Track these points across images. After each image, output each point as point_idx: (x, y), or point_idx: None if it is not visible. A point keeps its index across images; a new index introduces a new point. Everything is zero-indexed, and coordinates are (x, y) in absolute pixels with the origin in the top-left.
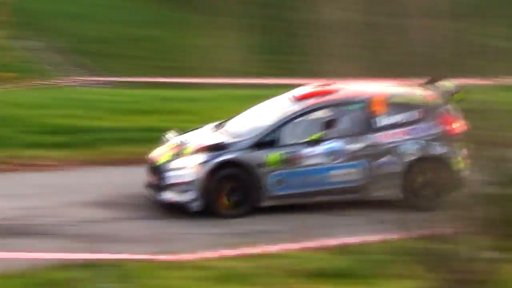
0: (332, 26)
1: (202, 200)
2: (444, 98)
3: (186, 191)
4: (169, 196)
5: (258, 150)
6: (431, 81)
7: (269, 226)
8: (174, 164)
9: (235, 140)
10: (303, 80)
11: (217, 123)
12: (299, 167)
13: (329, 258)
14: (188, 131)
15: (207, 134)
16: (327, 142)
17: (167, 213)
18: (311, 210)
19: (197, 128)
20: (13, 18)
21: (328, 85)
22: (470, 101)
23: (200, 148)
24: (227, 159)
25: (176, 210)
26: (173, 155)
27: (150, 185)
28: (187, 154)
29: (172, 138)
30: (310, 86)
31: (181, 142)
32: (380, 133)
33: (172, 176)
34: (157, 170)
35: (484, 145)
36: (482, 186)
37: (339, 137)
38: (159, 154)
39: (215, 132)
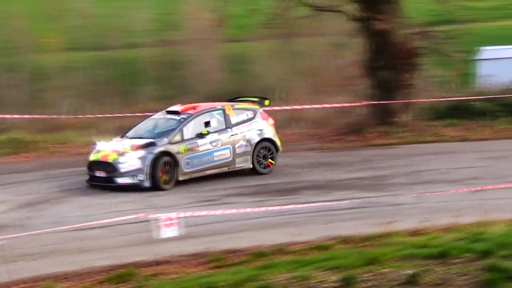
0: None
1: (150, 180)
2: (259, 104)
3: (136, 175)
4: (125, 181)
5: (173, 144)
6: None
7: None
8: (123, 159)
9: (156, 139)
10: None
11: (121, 134)
12: (197, 152)
13: None
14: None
15: (123, 140)
16: (209, 135)
17: None
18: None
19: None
20: None
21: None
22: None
23: (137, 146)
24: (162, 150)
25: None
26: (118, 154)
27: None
28: (128, 152)
29: (101, 145)
30: (178, 105)
31: (113, 146)
32: (235, 127)
33: (124, 167)
34: (109, 165)
35: None
36: None
37: (215, 131)
38: (104, 155)
39: (126, 139)
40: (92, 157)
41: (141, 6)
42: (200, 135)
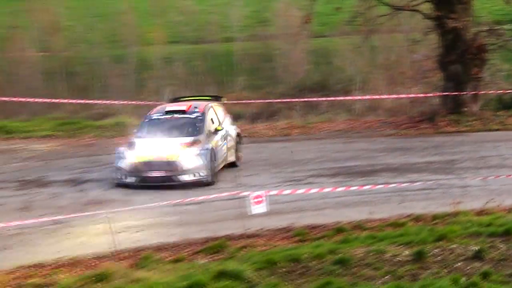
0: None
1: (211, 175)
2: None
3: (199, 172)
4: (188, 178)
5: (209, 140)
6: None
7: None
8: (183, 158)
9: (197, 137)
10: None
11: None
12: (218, 147)
13: None
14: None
15: (158, 140)
16: (221, 130)
17: None
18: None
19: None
20: None
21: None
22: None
23: (188, 144)
24: (212, 146)
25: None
26: (177, 153)
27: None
28: (184, 150)
29: (139, 148)
30: (173, 104)
31: (160, 146)
32: (223, 123)
33: (186, 165)
34: (171, 164)
35: None
36: None
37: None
38: (158, 155)
39: (155, 138)
40: (141, 158)
41: (236, 4)
42: (216, 131)
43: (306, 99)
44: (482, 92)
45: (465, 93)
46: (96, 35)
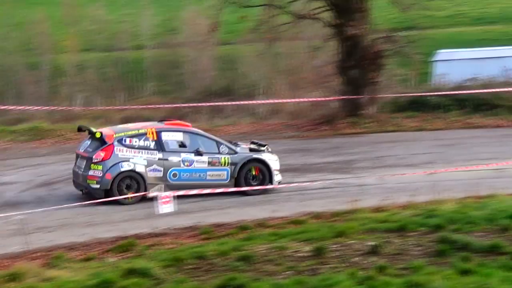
0: None
1: None
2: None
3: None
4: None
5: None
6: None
7: None
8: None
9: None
10: None
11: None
12: None
13: None
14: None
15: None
16: None
17: None
18: None
19: None
20: None
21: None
22: None
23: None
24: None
25: None
26: None
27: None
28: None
29: None
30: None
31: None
32: None
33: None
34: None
35: None
36: None
37: None
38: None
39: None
40: None
41: (146, 13)
42: None
43: (212, 104)
44: (379, 95)
45: (362, 96)
46: (11, 43)
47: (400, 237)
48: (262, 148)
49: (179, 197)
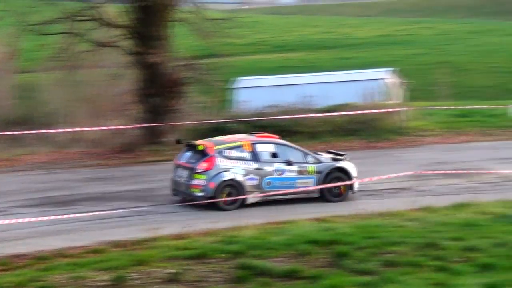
0: None
1: None
2: None
3: None
4: None
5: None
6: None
7: None
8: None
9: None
10: None
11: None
12: None
13: None
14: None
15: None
16: None
17: None
18: None
19: None
20: None
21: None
22: None
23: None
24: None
25: None
26: None
27: None
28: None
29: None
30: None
31: None
32: None
33: None
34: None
35: None
36: None
37: None
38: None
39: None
40: None
41: None
42: None
43: (10, 132)
44: (180, 123)
45: (163, 124)
46: None
47: (201, 264)
48: (342, 158)
49: None
